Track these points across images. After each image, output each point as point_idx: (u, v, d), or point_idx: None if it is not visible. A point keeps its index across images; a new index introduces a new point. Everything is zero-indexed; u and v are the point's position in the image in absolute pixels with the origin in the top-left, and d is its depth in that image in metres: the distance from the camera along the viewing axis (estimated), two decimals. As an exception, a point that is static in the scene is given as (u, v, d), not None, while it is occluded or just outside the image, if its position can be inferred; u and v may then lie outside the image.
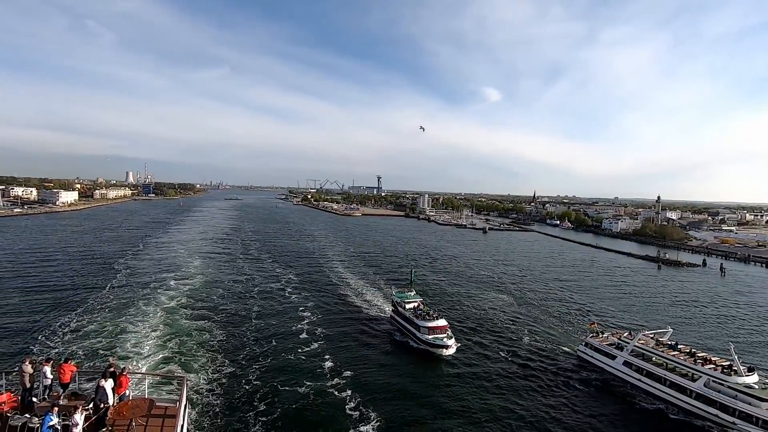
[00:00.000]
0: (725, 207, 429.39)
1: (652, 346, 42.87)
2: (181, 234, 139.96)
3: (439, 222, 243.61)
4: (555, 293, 79.03)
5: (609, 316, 65.42)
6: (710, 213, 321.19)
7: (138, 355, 40.99)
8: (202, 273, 79.88)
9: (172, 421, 17.25)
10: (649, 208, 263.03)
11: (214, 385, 36.85)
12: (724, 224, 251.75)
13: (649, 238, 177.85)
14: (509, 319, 60.80)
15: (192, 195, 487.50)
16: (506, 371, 43.37)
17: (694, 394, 36.47)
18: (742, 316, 70.15)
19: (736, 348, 38.21)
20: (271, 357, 43.84)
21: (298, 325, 54.35)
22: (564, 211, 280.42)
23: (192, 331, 49.10)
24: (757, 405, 32.42)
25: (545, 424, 33.84)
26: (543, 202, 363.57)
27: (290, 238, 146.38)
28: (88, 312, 53.84)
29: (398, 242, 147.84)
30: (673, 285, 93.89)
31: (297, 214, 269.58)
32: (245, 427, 30.76)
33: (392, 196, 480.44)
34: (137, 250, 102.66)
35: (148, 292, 63.99)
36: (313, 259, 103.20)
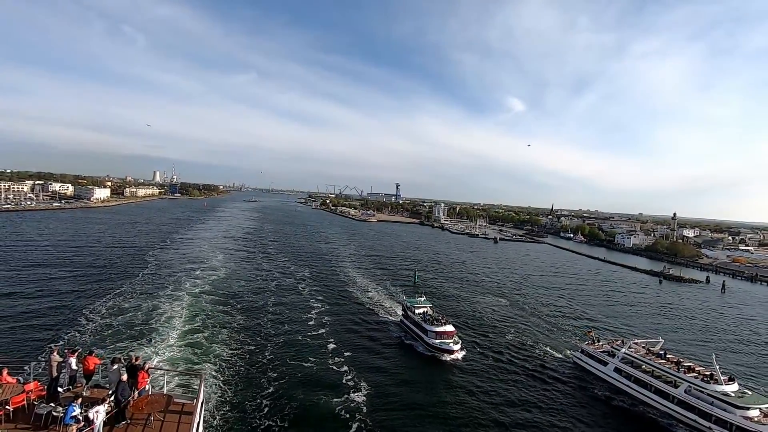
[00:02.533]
0: (759, 228, 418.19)
1: (642, 354, 45.69)
2: (205, 232, 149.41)
3: (452, 231, 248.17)
4: (556, 302, 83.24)
5: (606, 325, 68.98)
6: (731, 233, 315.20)
7: (163, 341, 45.36)
8: (224, 266, 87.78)
9: (188, 418, 17.34)
10: (666, 225, 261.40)
11: (231, 371, 43.41)
12: (742, 244, 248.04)
13: (660, 254, 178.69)
14: (509, 324, 64.33)
15: (215, 196, 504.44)
16: (506, 375, 45.91)
17: (675, 400, 38.94)
18: (731, 329, 73.37)
19: (721, 358, 41.43)
20: (285, 348, 48.53)
21: (314, 326, 60.56)
22: (578, 224, 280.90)
23: (214, 314, 56.41)
24: (732, 412, 35.15)
25: (535, 424, 36.25)
26: (559, 215, 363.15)
27: (306, 239, 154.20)
28: (121, 296, 61.08)
29: (408, 248, 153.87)
30: (671, 299, 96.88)
31: (315, 218, 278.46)
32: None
33: (409, 204, 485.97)
34: (166, 244, 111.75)
35: (175, 280, 71.89)
36: (326, 259, 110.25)
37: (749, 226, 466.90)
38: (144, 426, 16.62)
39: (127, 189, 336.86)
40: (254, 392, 36.99)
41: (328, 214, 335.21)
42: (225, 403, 34.79)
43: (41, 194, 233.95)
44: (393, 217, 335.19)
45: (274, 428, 32.00)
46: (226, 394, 36.19)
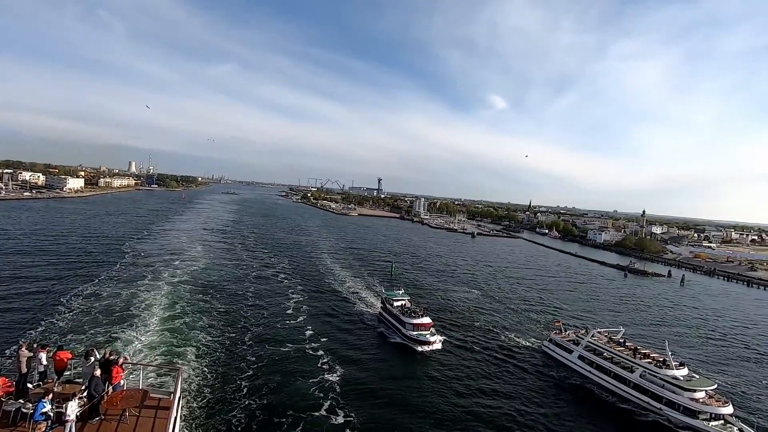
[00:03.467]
0: (724, 226, 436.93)
1: (603, 342, 48.67)
2: (183, 224, 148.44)
3: (431, 225, 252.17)
4: (527, 294, 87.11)
5: (573, 315, 72.69)
6: (697, 230, 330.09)
7: (141, 330, 45.77)
8: (203, 257, 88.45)
9: (165, 413, 17.16)
10: (637, 222, 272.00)
11: (211, 357, 45.03)
12: (706, 241, 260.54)
13: (628, 249, 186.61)
14: (483, 315, 66.91)
15: (194, 188, 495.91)
16: (479, 364, 47.53)
17: (631, 384, 41.49)
18: (684, 319, 78.59)
19: (674, 345, 44.70)
20: (265, 337, 51.09)
21: (292, 315, 62.41)
22: (553, 220, 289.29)
23: (194, 303, 57.66)
24: (680, 393, 38.15)
25: (505, 410, 37.72)
26: (536, 212, 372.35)
27: (286, 232, 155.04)
28: (98, 285, 61.14)
29: (388, 241, 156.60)
30: (634, 291, 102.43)
31: (295, 211, 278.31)
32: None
33: (390, 198, 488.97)
34: (143, 235, 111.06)
35: (154, 270, 72.42)
36: (305, 251, 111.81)
37: (716, 225, 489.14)
38: (119, 422, 16.35)
39: (102, 179, 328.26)
40: (234, 375, 38.67)
41: (308, 208, 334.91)
42: (205, 386, 36.29)
43: (10, 183, 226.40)
44: (374, 212, 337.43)
45: (252, 406, 33.94)
46: (207, 377, 37.77)
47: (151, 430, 16.46)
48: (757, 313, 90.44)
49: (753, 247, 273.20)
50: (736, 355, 59.37)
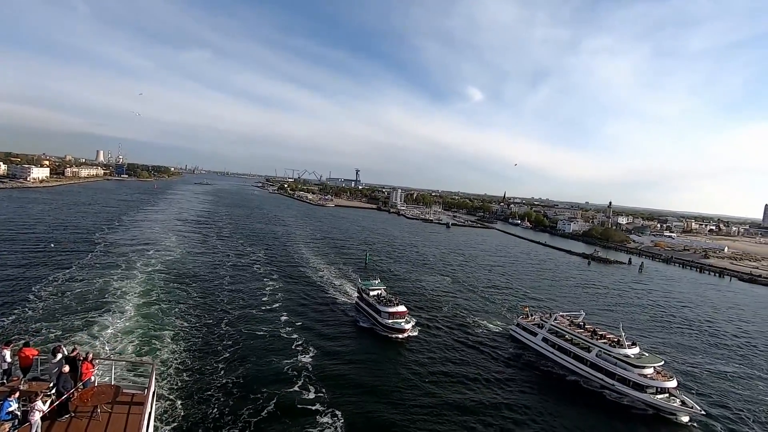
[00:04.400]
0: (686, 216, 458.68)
1: (565, 325, 51.88)
2: (156, 214, 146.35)
3: (407, 216, 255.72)
4: (497, 281, 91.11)
5: (539, 300, 76.77)
6: (660, 220, 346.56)
7: (115, 320, 45.79)
8: (178, 247, 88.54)
9: (139, 409, 16.85)
10: (604, 213, 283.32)
11: (189, 343, 46.29)
12: (667, 230, 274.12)
13: (594, 239, 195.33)
14: (455, 302, 69.67)
15: (167, 178, 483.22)
16: (452, 349, 49.54)
17: (588, 363, 44.53)
18: (639, 302, 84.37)
19: (628, 326, 48.05)
20: (241, 326, 51.37)
21: (268, 301, 63.79)
22: (526, 211, 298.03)
23: (169, 291, 58.59)
24: (630, 370, 41.43)
25: (474, 393, 39.43)
26: (509, 203, 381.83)
27: (262, 222, 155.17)
28: (70, 275, 61.04)
29: (363, 231, 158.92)
30: (596, 278, 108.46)
31: (272, 202, 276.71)
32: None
33: (368, 190, 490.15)
34: (114, 226, 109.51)
35: (127, 260, 72.39)
36: (281, 241, 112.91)
37: (680, 215, 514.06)
38: (90, 419, 16.05)
39: (68, 169, 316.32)
40: (211, 358, 40.38)
41: (285, 199, 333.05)
42: (183, 369, 37.82)
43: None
44: (351, 203, 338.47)
45: (229, 385, 35.84)
46: (184, 360, 39.35)
47: (125, 427, 16.17)
48: (702, 296, 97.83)
49: (710, 236, 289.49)
50: (681, 334, 64.82)
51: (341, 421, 32.37)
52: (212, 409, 32.14)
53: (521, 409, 37.30)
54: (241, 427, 30.35)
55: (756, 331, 70.13)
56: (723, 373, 50.00)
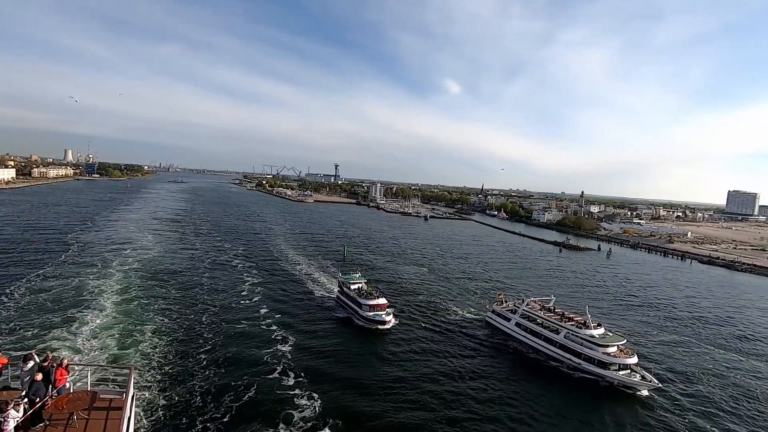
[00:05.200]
0: (655, 204, 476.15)
1: (536, 310, 54.49)
2: (131, 213, 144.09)
3: (387, 210, 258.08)
4: (473, 270, 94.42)
5: (512, 287, 79.82)
6: (630, 208, 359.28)
7: (94, 317, 46.17)
8: (155, 246, 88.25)
9: (117, 414, 16.46)
10: (576, 202, 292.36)
11: (170, 337, 47.17)
12: (637, 218, 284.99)
13: (567, 227, 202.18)
14: (432, 292, 71.93)
15: (140, 177, 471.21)
16: (430, 338, 51.18)
17: (557, 344, 47.05)
18: (605, 285, 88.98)
19: (594, 308, 50.96)
20: (222, 326, 49.97)
21: (247, 295, 64.88)
22: (502, 203, 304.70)
23: (148, 288, 59.14)
24: (595, 349, 44.14)
25: (452, 378, 41.15)
26: (486, 194, 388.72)
27: (241, 219, 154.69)
28: (44, 276, 60.92)
29: (342, 226, 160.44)
30: (566, 264, 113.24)
31: (250, 199, 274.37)
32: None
33: (348, 185, 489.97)
34: (88, 226, 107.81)
35: (103, 259, 72.19)
36: (260, 238, 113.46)
37: (650, 203, 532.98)
38: (66, 426, 15.71)
39: (36, 169, 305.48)
40: (192, 350, 41.64)
41: (264, 195, 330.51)
42: (165, 362, 38.94)
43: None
44: (331, 198, 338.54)
45: (211, 374, 37.27)
46: (166, 353, 40.49)
47: None
48: (664, 278, 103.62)
49: (677, 222, 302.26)
50: (642, 313, 69.15)
51: (318, 402, 34.32)
52: (195, 397, 33.60)
53: (496, 393, 39.11)
54: (223, 412, 31.94)
55: (707, 308, 75.40)
56: (676, 346, 54.14)
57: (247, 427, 30.44)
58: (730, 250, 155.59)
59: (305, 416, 32.32)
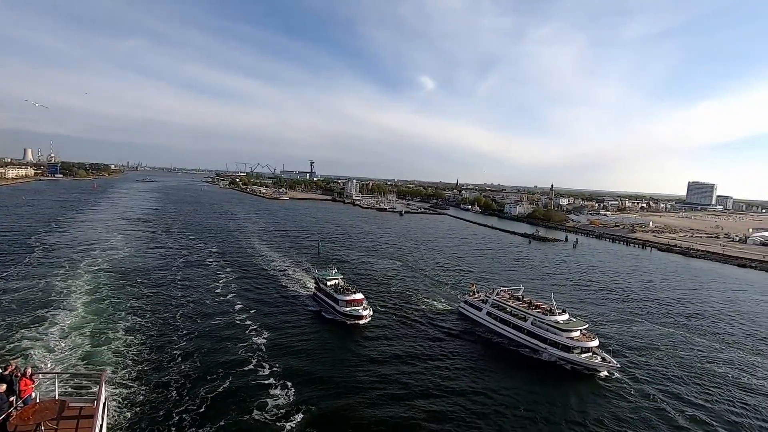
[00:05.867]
0: (622, 196, 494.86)
1: (506, 299, 56.85)
2: (98, 214, 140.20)
3: (362, 206, 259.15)
4: (446, 263, 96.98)
5: (484, 278, 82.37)
6: (598, 200, 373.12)
7: (64, 318, 45.89)
8: (125, 246, 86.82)
9: (88, 422, 15.96)
10: (546, 195, 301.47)
11: (142, 340, 47.09)
12: (604, 209, 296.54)
13: (537, 220, 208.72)
14: (407, 285, 73.76)
15: (107, 176, 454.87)
16: (407, 329, 52.56)
17: (525, 331, 49.35)
18: (570, 274, 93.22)
19: (560, 295, 53.32)
20: (198, 327, 50.03)
21: (221, 293, 65.07)
22: (476, 197, 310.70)
23: (119, 288, 58.71)
24: (559, 335, 46.66)
25: (429, 367, 42.61)
26: (461, 189, 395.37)
27: (214, 218, 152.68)
28: (7, 280, 59.58)
29: (317, 222, 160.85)
30: (535, 254, 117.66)
31: (223, 197, 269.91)
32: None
33: (323, 181, 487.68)
34: (52, 228, 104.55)
35: (70, 260, 70.86)
36: (234, 236, 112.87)
37: (617, 195, 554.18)
38: None
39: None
40: (167, 346, 42.18)
41: (237, 193, 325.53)
42: (140, 361, 39.28)
43: None
44: (306, 195, 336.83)
45: (186, 368, 37.97)
46: (141, 352, 40.79)
47: None
48: (624, 265, 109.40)
49: (641, 213, 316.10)
50: (602, 298, 73.35)
51: (292, 391, 35.67)
52: (171, 391, 34.34)
53: (467, 380, 40.66)
54: (198, 403, 32.88)
55: (661, 291, 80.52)
56: (632, 327, 57.98)
57: (223, 416, 31.49)
58: (687, 238, 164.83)
59: (279, 404, 33.63)
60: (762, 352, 52.20)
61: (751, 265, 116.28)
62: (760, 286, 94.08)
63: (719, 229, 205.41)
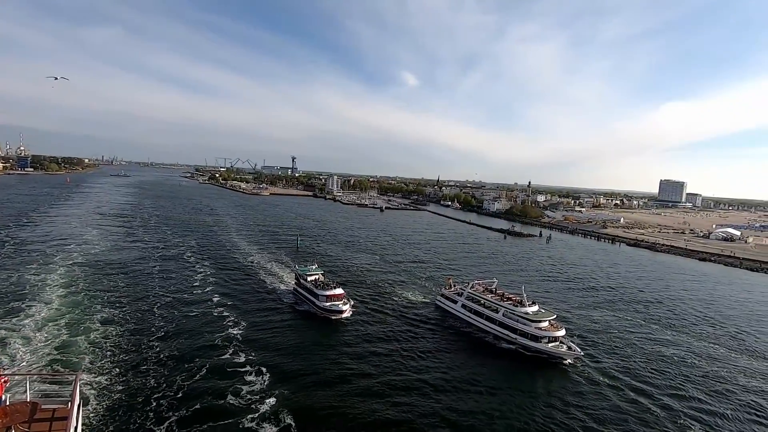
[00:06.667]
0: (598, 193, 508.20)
1: (480, 291, 58.87)
2: (72, 209, 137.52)
3: (343, 202, 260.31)
4: (423, 257, 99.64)
5: (460, 272, 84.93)
6: (574, 197, 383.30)
7: (38, 311, 45.96)
8: (101, 241, 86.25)
9: (62, 424, 15.61)
10: (524, 192, 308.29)
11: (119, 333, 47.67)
12: (579, 206, 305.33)
13: (514, 215, 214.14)
14: (385, 279, 75.36)
15: (80, 170, 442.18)
16: (384, 321, 54.12)
17: (497, 322, 51.35)
18: (541, 267, 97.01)
19: (530, 286, 55.77)
20: (176, 321, 50.33)
21: (199, 286, 65.81)
22: (456, 193, 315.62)
23: (96, 281, 58.91)
24: (528, 325, 48.99)
25: (406, 358, 43.99)
26: (441, 186, 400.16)
27: (192, 213, 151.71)
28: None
29: (297, 218, 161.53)
30: (510, 249, 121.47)
31: (202, 193, 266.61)
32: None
33: (305, 177, 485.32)
34: (23, 223, 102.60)
35: (43, 255, 70.31)
36: (213, 231, 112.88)
37: (593, 192, 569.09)
38: None
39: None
40: (145, 337, 43.14)
41: (217, 189, 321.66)
42: (119, 352, 40.22)
43: None
44: (287, 191, 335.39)
45: (164, 357, 39.12)
46: (119, 343, 41.66)
47: None
48: (592, 258, 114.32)
49: (615, 210, 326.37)
50: (570, 289, 77.05)
51: (267, 376, 37.30)
52: (150, 379, 35.54)
53: (441, 370, 42.31)
54: (175, 390, 34.17)
55: (624, 283, 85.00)
56: (595, 316, 61.53)
57: (198, 400, 32.89)
58: (655, 234, 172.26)
59: (254, 390, 35.20)
60: (704, 336, 56.55)
61: (710, 259, 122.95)
62: (715, 277, 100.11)
63: (686, 225, 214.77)
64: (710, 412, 37.35)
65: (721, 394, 40.69)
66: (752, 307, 74.01)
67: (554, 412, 35.60)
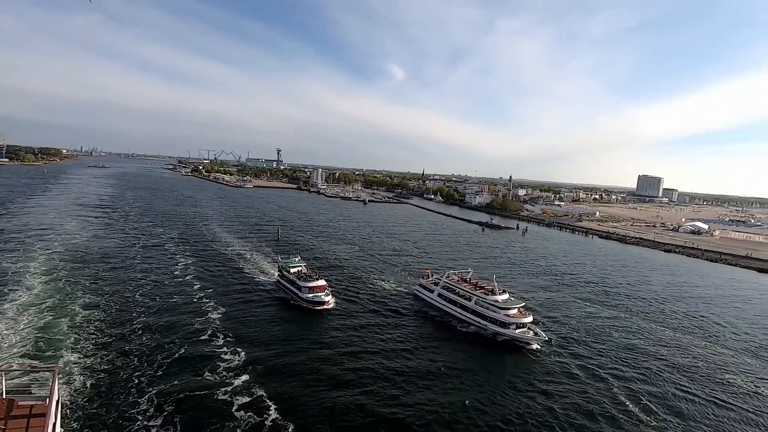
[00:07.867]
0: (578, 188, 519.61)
1: (455, 281, 61.23)
2: (50, 200, 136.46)
3: (327, 194, 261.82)
4: (402, 248, 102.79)
5: (438, 262, 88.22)
6: (554, 191, 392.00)
7: (16, 303, 46.59)
8: (81, 231, 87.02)
9: (40, 421, 15.21)
10: (506, 186, 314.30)
11: (101, 318, 49.63)
12: (559, 200, 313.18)
13: (495, 209, 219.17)
14: (365, 269, 77.68)
15: (58, 161, 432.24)
16: (365, 312, 55.77)
17: (470, 310, 53.58)
18: (514, 258, 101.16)
19: (502, 276, 58.95)
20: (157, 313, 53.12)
21: (178, 273, 67.69)
22: (439, 187, 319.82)
23: (75, 270, 60.33)
24: (498, 312, 51.66)
25: (387, 343, 46.46)
26: (425, 179, 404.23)
27: (174, 205, 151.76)
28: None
29: (280, 210, 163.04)
30: (487, 241, 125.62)
31: (184, 185, 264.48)
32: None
33: (289, 170, 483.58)
34: (1, 214, 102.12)
35: (21, 245, 71.12)
36: (195, 222, 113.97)
37: (577, 186, 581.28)
38: None
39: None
40: (126, 321, 45.26)
41: (200, 181, 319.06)
42: (101, 335, 42.26)
43: None
44: (271, 183, 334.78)
45: (145, 338, 41.34)
46: (101, 327, 43.60)
47: None
48: (564, 250, 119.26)
49: (593, 204, 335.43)
50: (539, 277, 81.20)
51: (242, 354, 39.96)
52: (132, 359, 37.83)
53: (417, 355, 44.69)
54: (155, 368, 36.61)
55: (590, 272, 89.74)
56: (558, 303, 65.60)
57: (177, 377, 35.40)
58: (627, 227, 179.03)
59: (230, 366, 37.87)
60: (655, 319, 61.23)
61: (675, 251, 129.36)
62: (675, 267, 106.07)
63: (658, 218, 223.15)
64: (647, 380, 41.58)
65: (661, 365, 45.05)
66: (700, 292, 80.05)
67: (518, 394, 38.33)
